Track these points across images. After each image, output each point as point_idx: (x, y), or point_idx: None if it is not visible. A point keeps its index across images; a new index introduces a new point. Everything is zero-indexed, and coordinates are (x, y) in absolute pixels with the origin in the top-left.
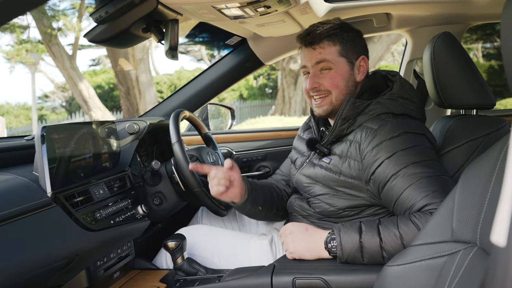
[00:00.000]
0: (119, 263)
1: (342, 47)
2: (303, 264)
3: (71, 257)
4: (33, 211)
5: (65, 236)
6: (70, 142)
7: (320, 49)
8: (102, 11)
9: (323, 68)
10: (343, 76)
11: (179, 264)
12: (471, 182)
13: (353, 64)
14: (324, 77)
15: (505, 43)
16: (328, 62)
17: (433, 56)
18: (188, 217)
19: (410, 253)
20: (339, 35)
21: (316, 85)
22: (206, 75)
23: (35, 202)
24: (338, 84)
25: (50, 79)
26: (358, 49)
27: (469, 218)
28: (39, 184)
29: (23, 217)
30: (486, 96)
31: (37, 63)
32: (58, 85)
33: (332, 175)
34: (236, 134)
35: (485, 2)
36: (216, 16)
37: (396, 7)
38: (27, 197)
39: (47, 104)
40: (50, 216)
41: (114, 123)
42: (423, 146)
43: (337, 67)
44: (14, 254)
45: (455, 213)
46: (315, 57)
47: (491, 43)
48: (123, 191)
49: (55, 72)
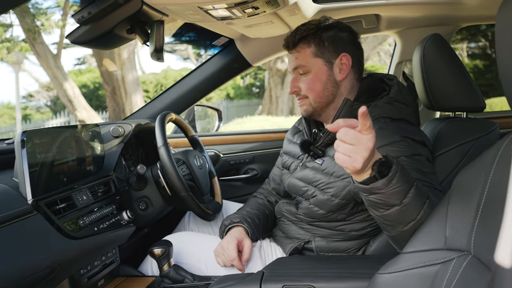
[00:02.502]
0: (103, 271)
1: (317, 48)
2: (292, 270)
3: (54, 266)
4: (13, 220)
5: (47, 245)
6: (52, 147)
7: (296, 53)
8: (85, 11)
9: (300, 72)
10: (320, 78)
11: (165, 272)
12: (464, 189)
13: (331, 64)
14: (302, 81)
15: (499, 44)
16: (304, 67)
17: (423, 58)
18: (174, 222)
19: (401, 260)
20: (315, 35)
21: (296, 89)
22: (193, 77)
23: (14, 211)
24: (315, 88)
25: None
26: (338, 47)
27: (462, 225)
28: (19, 191)
29: (2, 226)
30: (476, 99)
31: (21, 62)
32: (43, 84)
33: (323, 176)
34: (224, 136)
35: (474, 4)
36: (202, 17)
37: (385, 8)
38: (6, 205)
39: (32, 104)
40: (30, 224)
41: (98, 126)
42: (424, 157)
43: (313, 70)
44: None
45: (448, 220)
46: (292, 63)
47: (475, 43)
48: (107, 196)
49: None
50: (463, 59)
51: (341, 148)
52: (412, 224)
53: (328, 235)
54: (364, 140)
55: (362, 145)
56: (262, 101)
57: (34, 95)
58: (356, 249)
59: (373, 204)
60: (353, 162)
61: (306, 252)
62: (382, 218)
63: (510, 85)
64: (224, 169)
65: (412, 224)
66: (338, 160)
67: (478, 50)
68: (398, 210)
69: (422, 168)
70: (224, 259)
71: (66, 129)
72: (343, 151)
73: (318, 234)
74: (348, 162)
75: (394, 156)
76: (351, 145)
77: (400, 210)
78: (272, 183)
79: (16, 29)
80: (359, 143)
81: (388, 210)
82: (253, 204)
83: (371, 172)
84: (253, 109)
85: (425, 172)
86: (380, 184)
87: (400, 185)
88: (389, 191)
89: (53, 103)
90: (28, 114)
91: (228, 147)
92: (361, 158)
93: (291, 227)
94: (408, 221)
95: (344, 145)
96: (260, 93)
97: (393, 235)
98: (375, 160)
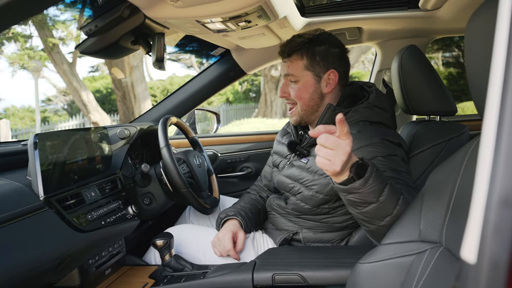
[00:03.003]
0: (110, 260)
1: (309, 62)
2: (282, 260)
3: (63, 257)
4: (26, 215)
5: (58, 238)
6: (63, 148)
7: (289, 62)
8: (92, 24)
9: (290, 80)
10: (307, 89)
11: (167, 261)
12: (437, 187)
13: (319, 78)
14: (292, 88)
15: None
16: (294, 76)
17: (400, 67)
18: (176, 215)
19: (380, 251)
20: (309, 49)
21: (285, 94)
22: (193, 84)
23: (27, 207)
24: (302, 96)
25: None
26: (328, 62)
27: (435, 219)
28: (31, 189)
29: (16, 221)
30: (449, 104)
31: (40, 70)
32: (60, 89)
33: (307, 174)
34: (221, 137)
35: (447, 18)
36: (200, 30)
37: (367, 22)
38: (20, 201)
39: (50, 107)
40: (42, 219)
41: (106, 128)
42: (399, 157)
43: (302, 81)
44: (6, 258)
45: (422, 214)
46: (284, 70)
47: (450, 52)
48: (114, 192)
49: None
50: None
51: (322, 153)
52: (389, 218)
53: (314, 227)
54: (342, 144)
55: (341, 149)
56: (258, 105)
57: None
58: (340, 239)
59: (352, 203)
60: (332, 165)
61: (295, 243)
62: (361, 215)
63: (477, 92)
64: (222, 167)
65: (389, 218)
66: (319, 164)
67: (452, 59)
68: (375, 207)
69: (397, 167)
70: (220, 250)
71: (76, 131)
72: (324, 155)
73: (305, 226)
74: (328, 165)
75: (372, 156)
76: (331, 149)
77: (377, 207)
78: (263, 180)
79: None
80: (338, 147)
81: (366, 208)
82: (246, 199)
83: (349, 173)
84: (250, 112)
85: (399, 171)
86: (357, 185)
87: (375, 185)
88: (366, 190)
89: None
90: (47, 117)
91: (225, 147)
92: (339, 162)
93: (280, 220)
94: (384, 216)
95: (325, 149)
96: (256, 98)
97: (371, 230)
98: (352, 163)
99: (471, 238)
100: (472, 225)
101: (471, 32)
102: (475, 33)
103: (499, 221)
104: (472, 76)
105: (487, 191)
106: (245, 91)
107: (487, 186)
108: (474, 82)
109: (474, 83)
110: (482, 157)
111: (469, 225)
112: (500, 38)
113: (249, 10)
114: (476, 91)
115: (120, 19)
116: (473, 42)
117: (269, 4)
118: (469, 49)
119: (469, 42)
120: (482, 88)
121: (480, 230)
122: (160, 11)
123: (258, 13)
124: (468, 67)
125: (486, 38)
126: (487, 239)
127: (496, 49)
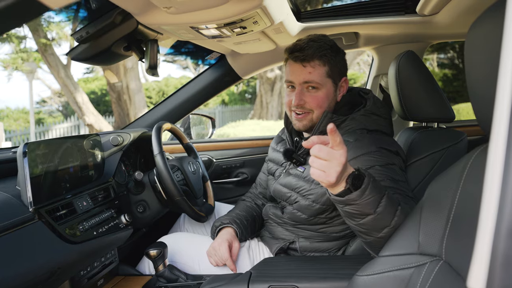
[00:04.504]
0: (103, 271)
1: (330, 68)
2: (277, 271)
3: (54, 270)
4: (14, 228)
5: (48, 251)
6: (54, 157)
7: (311, 68)
8: (83, 31)
9: (309, 86)
10: (328, 96)
11: (160, 271)
12: (436, 198)
13: (336, 85)
14: (310, 95)
15: (468, 63)
16: (316, 83)
17: (398, 73)
18: (170, 223)
19: (379, 263)
20: (330, 56)
21: (302, 102)
22: (188, 88)
23: (16, 219)
24: (322, 104)
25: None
26: (342, 70)
27: (434, 232)
28: (21, 200)
29: (5, 234)
30: (446, 110)
31: (34, 71)
32: (55, 91)
33: (304, 183)
34: (216, 143)
35: (445, 23)
36: (194, 36)
37: (364, 27)
38: (9, 213)
39: (45, 109)
40: (32, 231)
41: (99, 135)
42: (397, 166)
43: (323, 88)
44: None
45: (421, 226)
46: (303, 76)
47: (444, 54)
48: (107, 201)
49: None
50: (433, 68)
51: (316, 164)
52: (387, 230)
53: (311, 236)
54: (336, 155)
55: (335, 160)
56: (253, 107)
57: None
58: (337, 249)
59: (349, 214)
60: (327, 177)
61: (291, 252)
62: (358, 227)
63: (478, 100)
64: (217, 173)
65: (387, 230)
66: (313, 176)
67: (447, 60)
68: (372, 218)
69: (394, 177)
70: (216, 259)
71: (68, 139)
72: (318, 167)
73: (301, 235)
74: (322, 177)
75: (369, 165)
76: (325, 160)
77: (375, 218)
78: (259, 187)
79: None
80: (332, 158)
81: (364, 219)
82: (241, 207)
83: (345, 185)
84: (246, 114)
85: (397, 180)
86: (354, 196)
87: (372, 196)
88: (363, 202)
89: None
90: (41, 118)
91: (221, 153)
92: (334, 173)
93: (277, 229)
94: (382, 228)
95: (319, 161)
96: (252, 99)
97: (369, 241)
98: (348, 174)
99: (479, 268)
100: (480, 253)
101: (472, 40)
102: (477, 41)
103: (509, 252)
104: (472, 84)
105: (496, 219)
106: (241, 92)
107: (495, 214)
108: (475, 90)
109: (475, 90)
110: (490, 183)
111: (477, 253)
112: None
113: (244, 16)
114: (477, 98)
115: (112, 25)
116: (474, 50)
117: (264, 11)
118: (470, 57)
119: (470, 49)
120: (483, 96)
121: (488, 260)
122: (153, 17)
123: (254, 19)
124: (469, 75)
125: (488, 46)
126: (496, 270)
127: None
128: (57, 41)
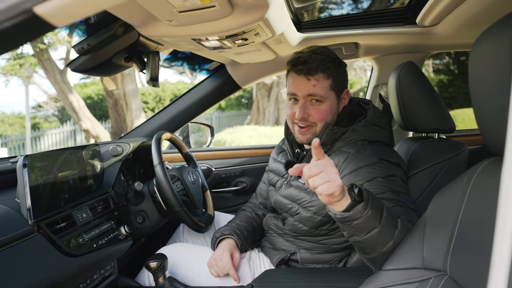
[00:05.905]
0: (102, 283)
1: (333, 81)
2: (279, 284)
3: (54, 284)
4: (14, 242)
5: (48, 265)
6: (53, 168)
7: (315, 81)
8: (84, 43)
9: (313, 99)
10: (331, 109)
11: (160, 284)
12: (440, 212)
13: (339, 98)
14: (314, 108)
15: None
16: (320, 96)
17: (398, 83)
18: (169, 233)
19: (382, 277)
20: (333, 68)
21: (306, 115)
22: (187, 97)
23: (16, 233)
24: (326, 117)
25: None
26: (344, 82)
27: (438, 247)
28: (20, 213)
29: (4, 248)
30: (447, 121)
31: (31, 76)
32: (51, 96)
33: (305, 195)
34: (216, 152)
35: (445, 34)
36: (195, 47)
37: (364, 37)
38: (8, 227)
39: (41, 114)
40: (31, 245)
41: (98, 145)
42: (398, 177)
43: (327, 101)
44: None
45: (425, 241)
46: (307, 89)
47: (440, 60)
48: (106, 212)
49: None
50: (429, 74)
51: (317, 181)
52: (391, 244)
53: (312, 248)
54: (326, 162)
55: (328, 166)
56: (250, 112)
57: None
58: (338, 260)
59: (355, 230)
60: (334, 182)
61: (292, 263)
62: (363, 243)
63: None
64: (216, 182)
65: (391, 244)
66: (325, 191)
67: (442, 66)
68: (377, 232)
69: (396, 188)
70: (217, 270)
71: (67, 150)
72: (320, 182)
73: (302, 247)
74: (331, 186)
75: (371, 177)
76: (321, 172)
77: (379, 232)
78: (259, 197)
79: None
80: (325, 166)
81: (369, 233)
82: (242, 217)
83: (350, 198)
84: (242, 119)
85: (398, 192)
86: (360, 208)
87: (374, 207)
88: (367, 214)
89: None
90: (37, 123)
91: (220, 162)
92: (335, 175)
93: (278, 239)
94: (386, 241)
95: (316, 177)
96: (248, 104)
97: (372, 257)
98: (348, 188)
99: None
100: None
101: (478, 54)
102: (482, 55)
103: None
104: (477, 97)
105: None
106: (238, 97)
107: None
108: (479, 103)
109: (479, 103)
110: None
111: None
112: None
113: (246, 28)
114: (481, 111)
115: (114, 37)
116: (479, 64)
117: (266, 23)
118: (475, 71)
119: (475, 63)
120: (487, 109)
121: None
122: (155, 30)
123: (255, 31)
124: (473, 87)
125: (494, 60)
126: None
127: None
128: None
